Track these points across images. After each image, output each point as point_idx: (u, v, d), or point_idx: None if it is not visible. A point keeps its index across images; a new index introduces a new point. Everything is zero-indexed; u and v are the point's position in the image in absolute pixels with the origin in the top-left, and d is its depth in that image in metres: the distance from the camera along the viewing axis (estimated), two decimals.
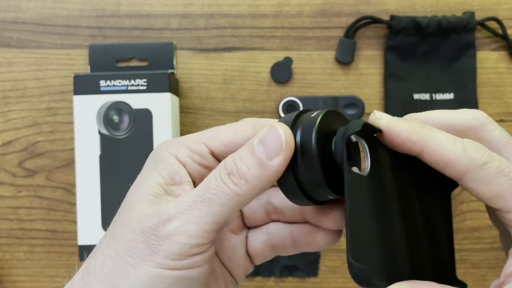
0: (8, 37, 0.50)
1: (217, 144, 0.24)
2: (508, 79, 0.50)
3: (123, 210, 0.24)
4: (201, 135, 0.25)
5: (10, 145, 0.50)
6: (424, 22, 0.48)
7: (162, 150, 0.24)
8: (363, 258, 0.21)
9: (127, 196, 0.24)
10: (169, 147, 0.24)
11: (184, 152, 0.24)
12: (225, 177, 0.22)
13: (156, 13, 0.50)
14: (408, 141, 0.23)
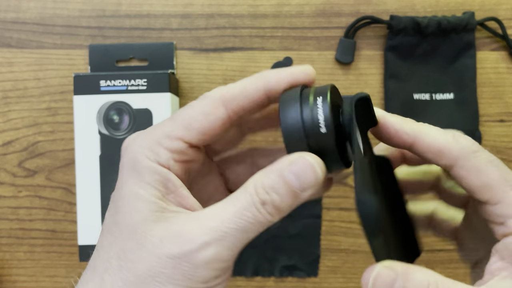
0: (8, 37, 0.50)
1: (194, 136, 0.24)
2: (508, 79, 0.50)
3: (127, 229, 0.22)
4: (173, 127, 0.23)
5: (10, 145, 0.50)
6: (424, 22, 0.48)
7: (138, 156, 0.23)
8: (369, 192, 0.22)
9: (120, 212, 0.23)
10: (145, 150, 0.23)
11: (164, 155, 0.23)
12: (260, 207, 0.22)
13: (156, 13, 0.50)
14: (401, 131, 0.24)
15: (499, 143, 0.50)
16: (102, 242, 0.23)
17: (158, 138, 0.23)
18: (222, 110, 0.24)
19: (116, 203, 0.23)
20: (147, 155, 0.23)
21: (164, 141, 0.23)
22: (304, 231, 0.50)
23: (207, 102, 0.24)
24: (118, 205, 0.23)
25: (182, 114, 0.24)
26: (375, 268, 0.22)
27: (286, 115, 0.23)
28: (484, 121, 0.50)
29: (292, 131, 0.23)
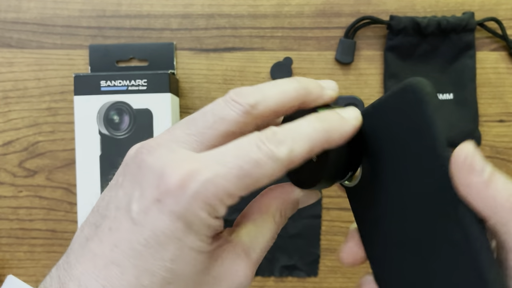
0: (9, 37, 0.50)
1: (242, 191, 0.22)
2: (508, 79, 0.50)
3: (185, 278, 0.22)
4: (234, 183, 0.21)
5: (11, 145, 0.50)
6: (424, 23, 0.48)
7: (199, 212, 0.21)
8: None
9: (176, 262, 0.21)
10: (207, 207, 0.21)
11: (223, 211, 0.22)
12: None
13: (156, 14, 0.50)
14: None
15: (499, 143, 0.50)
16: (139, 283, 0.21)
17: (221, 195, 0.21)
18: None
19: (164, 248, 0.21)
20: (209, 212, 0.21)
21: (226, 199, 0.21)
22: (304, 231, 0.50)
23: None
24: (168, 254, 0.21)
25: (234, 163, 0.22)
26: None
27: None
28: (484, 121, 0.50)
29: None
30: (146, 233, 0.21)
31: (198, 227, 0.21)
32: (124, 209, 0.22)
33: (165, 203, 0.21)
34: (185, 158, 0.21)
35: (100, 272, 0.21)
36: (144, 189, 0.21)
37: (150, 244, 0.21)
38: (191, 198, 0.21)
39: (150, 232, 0.21)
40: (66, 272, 0.22)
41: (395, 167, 0.23)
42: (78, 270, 0.22)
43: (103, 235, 0.22)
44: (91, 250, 0.22)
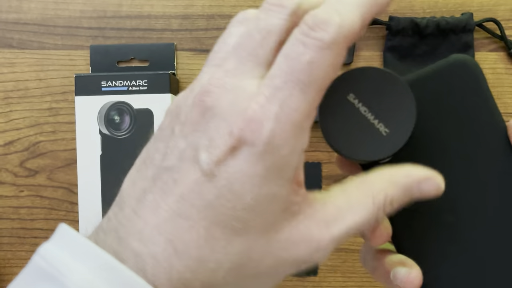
0: (10, 37, 0.51)
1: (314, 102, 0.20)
2: (507, 79, 0.50)
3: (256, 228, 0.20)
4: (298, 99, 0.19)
5: (12, 145, 0.50)
6: (422, 23, 0.48)
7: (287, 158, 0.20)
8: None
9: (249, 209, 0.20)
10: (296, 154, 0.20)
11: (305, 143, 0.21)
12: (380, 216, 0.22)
13: (157, 14, 0.51)
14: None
15: None
16: (212, 233, 0.20)
17: (296, 119, 0.19)
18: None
19: (242, 196, 0.20)
20: (290, 146, 0.20)
21: (304, 121, 0.20)
22: None
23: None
24: (246, 201, 0.20)
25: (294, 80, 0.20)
26: None
27: None
28: None
29: None
30: (219, 183, 0.19)
31: (278, 168, 0.19)
32: (190, 159, 0.20)
33: (240, 149, 0.19)
34: (250, 95, 0.19)
35: (166, 225, 0.20)
36: (213, 137, 0.19)
37: (222, 194, 0.19)
38: (268, 137, 0.19)
39: (224, 181, 0.19)
40: (123, 226, 0.21)
41: (442, 136, 0.24)
42: (138, 223, 0.20)
43: (167, 187, 0.20)
44: (153, 202, 0.20)
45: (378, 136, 0.22)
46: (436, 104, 0.24)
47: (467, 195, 0.24)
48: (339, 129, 0.22)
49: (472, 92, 0.24)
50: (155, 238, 0.20)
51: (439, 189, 0.22)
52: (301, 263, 0.21)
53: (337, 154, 0.24)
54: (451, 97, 0.24)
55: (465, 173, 0.24)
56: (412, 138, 0.22)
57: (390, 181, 0.21)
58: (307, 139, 0.20)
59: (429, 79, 0.24)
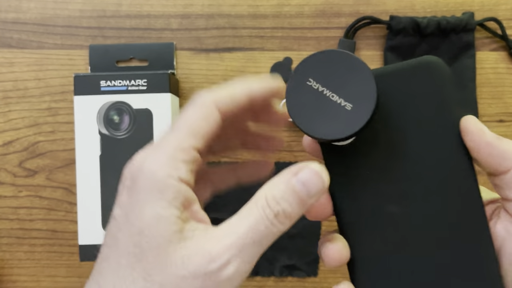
0: (9, 37, 0.50)
1: (201, 142, 0.24)
2: (508, 79, 0.50)
3: (151, 251, 0.22)
4: (181, 137, 0.23)
5: (11, 145, 0.50)
6: (423, 23, 0.48)
7: (159, 174, 0.22)
8: None
9: (141, 235, 0.22)
10: (165, 168, 0.23)
11: (183, 168, 0.23)
12: (273, 219, 0.23)
13: (156, 14, 0.50)
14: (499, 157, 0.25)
15: None
16: (119, 263, 0.22)
17: (172, 152, 0.23)
18: (217, 113, 0.25)
19: (134, 223, 0.22)
20: (168, 173, 0.22)
21: (179, 154, 0.23)
22: (304, 231, 0.50)
23: (204, 106, 0.25)
24: (138, 226, 0.22)
25: (183, 123, 0.24)
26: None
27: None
28: (484, 121, 0.50)
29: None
30: (116, 217, 0.23)
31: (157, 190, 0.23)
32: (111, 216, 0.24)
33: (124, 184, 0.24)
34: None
35: (95, 273, 0.23)
36: (119, 192, 0.24)
37: (120, 225, 0.23)
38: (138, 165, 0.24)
39: (119, 211, 0.23)
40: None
41: (401, 129, 0.25)
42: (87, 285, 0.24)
43: (101, 250, 0.24)
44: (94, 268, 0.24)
45: (341, 114, 0.23)
46: (395, 99, 0.25)
47: (413, 188, 0.25)
48: (304, 111, 0.23)
49: (430, 92, 0.25)
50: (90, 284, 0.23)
51: (320, 176, 0.23)
52: (202, 276, 0.22)
53: (304, 135, 0.26)
54: (409, 93, 0.25)
55: (414, 168, 0.25)
56: (368, 128, 0.23)
57: (268, 185, 0.23)
58: (184, 171, 0.23)
59: (393, 75, 0.25)
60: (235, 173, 0.31)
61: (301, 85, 0.23)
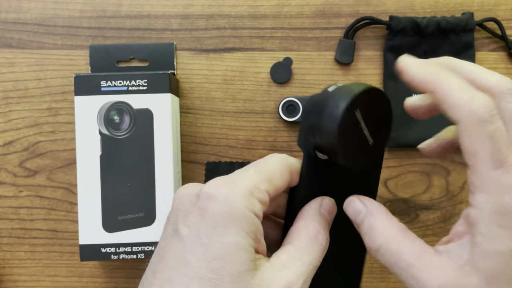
0: (9, 37, 0.50)
1: (273, 190, 0.27)
2: None
3: (231, 277, 0.23)
4: (259, 179, 0.26)
5: (11, 145, 0.50)
6: (423, 23, 0.48)
7: (239, 205, 0.24)
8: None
9: (220, 260, 0.23)
10: (244, 200, 0.25)
11: (257, 205, 0.25)
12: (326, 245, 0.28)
13: (157, 14, 0.50)
14: (423, 81, 0.27)
15: None
16: (190, 287, 0.23)
17: (251, 189, 0.25)
18: (288, 176, 0.28)
19: (211, 249, 0.23)
20: (246, 205, 0.24)
21: (256, 192, 0.25)
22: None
23: (283, 165, 0.27)
24: (216, 253, 0.23)
25: (264, 168, 0.27)
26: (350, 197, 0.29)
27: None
28: None
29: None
30: (189, 240, 0.24)
31: (242, 218, 0.24)
32: (171, 235, 0.25)
33: (204, 208, 0.24)
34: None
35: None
36: (187, 210, 0.25)
37: (194, 249, 0.23)
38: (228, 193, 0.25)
39: (194, 237, 0.24)
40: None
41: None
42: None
43: (156, 270, 0.24)
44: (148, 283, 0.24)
45: (365, 145, 0.28)
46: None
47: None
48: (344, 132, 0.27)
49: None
50: None
51: (331, 207, 0.29)
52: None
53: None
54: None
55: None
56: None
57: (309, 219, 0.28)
58: (258, 207, 0.25)
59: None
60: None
61: (351, 113, 0.26)
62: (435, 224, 0.50)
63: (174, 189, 0.45)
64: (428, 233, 0.50)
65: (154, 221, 0.45)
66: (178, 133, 0.49)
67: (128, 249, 0.44)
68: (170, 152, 0.45)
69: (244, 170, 0.26)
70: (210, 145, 0.50)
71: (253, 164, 0.27)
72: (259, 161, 0.27)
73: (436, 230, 0.50)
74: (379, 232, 0.26)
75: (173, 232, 0.25)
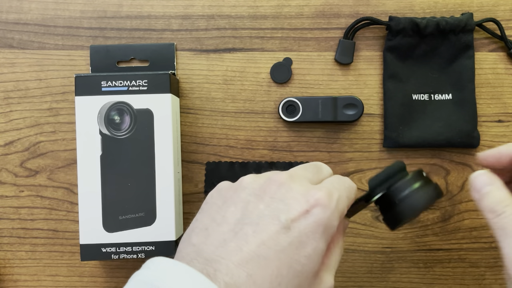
0: (10, 38, 0.51)
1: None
2: (506, 79, 0.50)
3: (311, 273, 0.29)
4: (347, 202, 0.32)
5: (12, 145, 0.50)
6: (422, 23, 0.48)
7: (335, 223, 0.30)
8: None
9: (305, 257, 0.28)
10: (338, 221, 0.30)
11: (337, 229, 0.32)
12: None
13: (157, 14, 0.51)
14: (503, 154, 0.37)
15: (497, 144, 0.50)
16: (281, 271, 0.27)
17: (343, 211, 0.31)
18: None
19: (306, 246, 0.28)
20: (337, 224, 0.30)
21: (344, 214, 0.31)
22: None
23: (354, 196, 0.34)
24: (307, 250, 0.28)
25: (350, 195, 0.33)
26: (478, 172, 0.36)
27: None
28: (483, 121, 0.50)
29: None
30: (292, 234, 0.28)
31: (330, 231, 0.30)
32: (269, 217, 0.29)
33: (312, 212, 0.29)
34: (314, 186, 0.31)
35: (248, 264, 0.27)
36: (291, 203, 0.29)
37: (293, 243, 0.28)
38: (334, 209, 0.30)
39: (296, 233, 0.28)
40: (209, 265, 0.27)
41: None
42: (223, 263, 0.27)
43: (247, 237, 0.28)
44: (235, 247, 0.27)
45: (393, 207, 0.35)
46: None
47: None
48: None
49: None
50: (239, 273, 0.26)
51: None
52: None
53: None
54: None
55: None
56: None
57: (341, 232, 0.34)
58: (339, 220, 0.31)
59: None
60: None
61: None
62: (434, 224, 0.50)
63: (174, 189, 0.45)
64: (428, 233, 0.50)
65: (154, 221, 0.45)
66: (178, 133, 0.49)
67: (129, 249, 0.45)
68: (170, 152, 0.45)
69: (340, 189, 0.32)
70: (210, 145, 0.50)
71: (343, 184, 0.32)
72: (346, 181, 0.33)
73: (435, 230, 0.50)
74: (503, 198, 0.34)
75: (273, 217, 0.29)
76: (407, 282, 0.51)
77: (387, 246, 0.51)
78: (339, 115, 0.49)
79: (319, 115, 0.49)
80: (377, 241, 0.50)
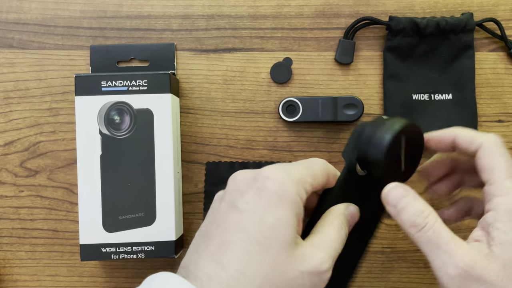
0: (10, 38, 0.51)
1: (314, 185, 0.32)
2: (506, 79, 0.50)
3: (280, 245, 0.28)
4: (307, 174, 0.31)
5: (12, 145, 0.50)
6: (422, 23, 0.48)
7: (291, 189, 0.30)
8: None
9: (272, 229, 0.29)
10: (295, 186, 0.30)
11: (304, 193, 0.31)
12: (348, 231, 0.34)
13: (157, 14, 0.51)
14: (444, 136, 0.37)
15: None
16: (246, 249, 0.28)
17: (300, 179, 0.31)
18: (326, 179, 0.33)
19: (265, 219, 0.29)
20: (297, 191, 0.30)
21: (304, 184, 0.31)
22: None
23: (324, 168, 0.33)
24: (270, 223, 0.29)
25: (311, 167, 0.32)
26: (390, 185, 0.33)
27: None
28: (483, 121, 0.50)
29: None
30: (250, 213, 0.29)
31: (289, 199, 0.29)
32: (228, 208, 0.30)
33: (262, 187, 0.29)
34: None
35: (215, 254, 0.28)
36: (243, 189, 0.30)
37: (253, 220, 0.29)
38: (284, 177, 0.30)
39: (253, 210, 0.29)
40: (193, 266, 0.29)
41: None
42: (197, 264, 0.29)
43: (212, 235, 0.30)
44: (205, 247, 0.29)
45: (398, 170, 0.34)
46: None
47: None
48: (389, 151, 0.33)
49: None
50: (207, 263, 0.28)
51: (354, 213, 0.35)
52: (315, 274, 0.29)
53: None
54: None
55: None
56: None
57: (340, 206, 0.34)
58: (304, 195, 0.31)
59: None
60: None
61: (400, 136, 0.33)
62: None
63: (174, 189, 0.45)
64: None
65: (154, 221, 0.45)
66: (178, 133, 0.49)
67: (129, 249, 0.45)
68: (170, 152, 0.45)
69: (294, 164, 0.32)
70: (210, 145, 0.50)
71: (301, 162, 0.32)
72: (305, 160, 0.33)
73: None
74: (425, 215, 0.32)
75: (231, 207, 0.30)
76: (407, 282, 0.50)
77: (387, 246, 0.50)
78: (339, 115, 0.49)
79: (319, 115, 0.49)
80: (377, 241, 0.50)
